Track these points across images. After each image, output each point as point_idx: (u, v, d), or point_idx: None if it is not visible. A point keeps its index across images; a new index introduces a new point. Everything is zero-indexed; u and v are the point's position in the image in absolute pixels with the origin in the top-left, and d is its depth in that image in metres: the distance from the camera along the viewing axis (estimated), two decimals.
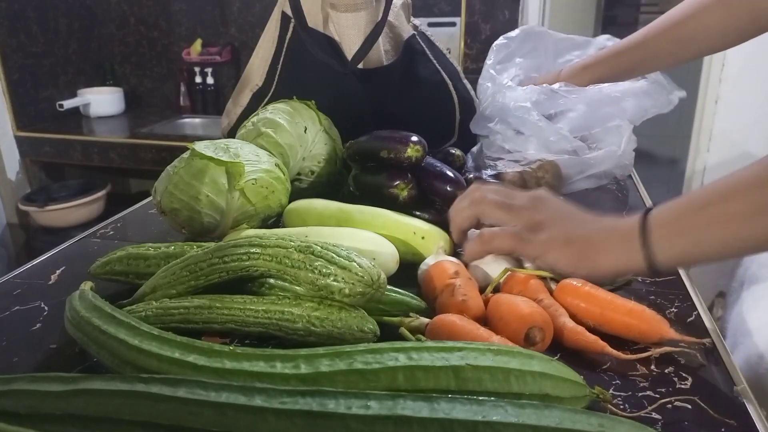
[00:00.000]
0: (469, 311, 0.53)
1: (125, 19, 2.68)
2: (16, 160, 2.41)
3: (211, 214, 0.70)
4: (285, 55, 0.96)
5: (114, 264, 0.63)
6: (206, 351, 0.43)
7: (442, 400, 0.36)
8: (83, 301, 0.51)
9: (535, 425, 0.35)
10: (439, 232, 0.67)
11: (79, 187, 2.42)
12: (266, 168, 0.72)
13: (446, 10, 2.24)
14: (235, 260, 0.53)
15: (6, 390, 0.40)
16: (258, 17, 2.52)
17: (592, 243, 0.53)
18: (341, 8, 0.91)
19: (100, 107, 2.57)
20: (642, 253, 0.50)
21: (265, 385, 0.38)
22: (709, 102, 1.85)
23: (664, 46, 0.87)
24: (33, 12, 2.38)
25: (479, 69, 1.01)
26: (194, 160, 0.69)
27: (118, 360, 0.45)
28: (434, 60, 1.00)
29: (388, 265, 0.62)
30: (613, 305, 0.53)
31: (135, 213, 0.91)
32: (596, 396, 0.42)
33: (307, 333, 0.50)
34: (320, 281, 0.50)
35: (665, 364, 0.49)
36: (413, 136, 0.74)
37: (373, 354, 0.41)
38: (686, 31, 0.84)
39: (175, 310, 0.54)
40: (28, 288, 0.67)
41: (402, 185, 0.73)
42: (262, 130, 0.81)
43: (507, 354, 0.41)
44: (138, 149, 2.27)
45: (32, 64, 2.40)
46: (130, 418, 0.37)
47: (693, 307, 0.58)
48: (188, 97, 2.66)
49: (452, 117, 1.01)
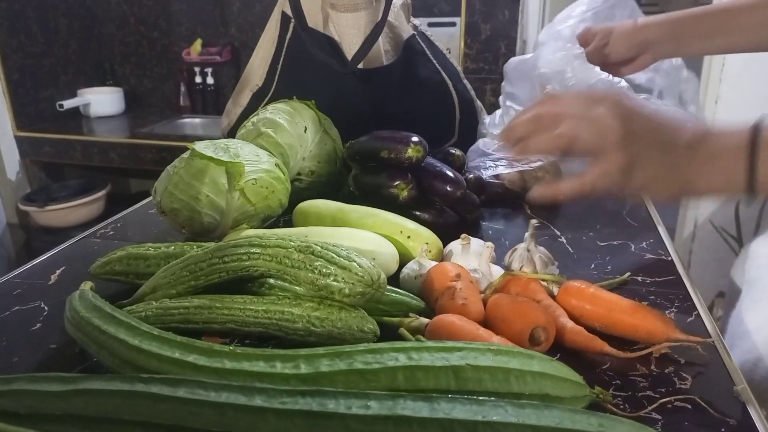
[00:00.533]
0: (469, 315, 0.52)
1: (125, 19, 2.68)
2: (16, 160, 2.41)
3: (211, 214, 0.70)
4: (285, 55, 0.96)
5: (114, 264, 0.63)
6: (206, 351, 0.43)
7: (442, 400, 0.36)
8: (83, 301, 0.51)
9: (535, 425, 0.35)
10: (428, 234, 0.67)
11: (79, 187, 2.42)
12: (266, 168, 0.72)
13: (446, 10, 2.24)
14: (235, 260, 0.53)
15: (6, 390, 0.40)
16: (258, 17, 2.52)
17: (692, 171, 0.50)
18: (341, 8, 0.91)
19: (100, 107, 2.57)
20: (745, 174, 0.47)
21: (265, 385, 0.38)
22: (709, 102, 1.85)
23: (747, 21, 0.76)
24: (33, 12, 2.38)
25: (479, 69, 1.01)
26: (194, 160, 0.69)
27: (118, 360, 0.45)
28: (434, 60, 1.00)
29: (388, 265, 0.62)
30: (619, 306, 0.53)
31: (135, 213, 0.91)
32: (596, 396, 0.42)
33: (307, 333, 0.50)
34: (320, 281, 0.50)
35: (665, 364, 0.49)
36: (414, 137, 0.74)
37: (373, 354, 0.41)
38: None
39: (175, 310, 0.54)
40: (28, 288, 0.67)
41: (402, 185, 0.73)
42: (262, 130, 0.81)
43: (507, 354, 0.41)
44: (138, 149, 2.27)
45: (32, 64, 2.40)
46: (130, 418, 0.37)
47: (693, 307, 0.58)
48: (188, 97, 2.66)
49: (452, 117, 1.01)
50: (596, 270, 0.67)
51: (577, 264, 0.68)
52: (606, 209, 0.85)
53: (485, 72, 2.18)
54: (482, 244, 0.64)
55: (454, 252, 0.65)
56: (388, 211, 0.70)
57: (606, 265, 0.68)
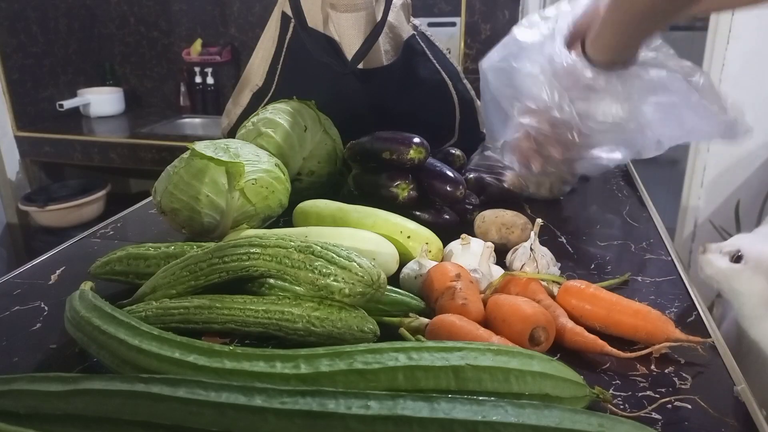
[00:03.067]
0: (469, 315, 0.52)
1: (125, 19, 2.68)
2: (16, 160, 2.41)
3: (211, 214, 0.70)
4: (285, 55, 0.96)
5: (114, 264, 0.63)
6: (206, 351, 0.43)
7: (442, 400, 0.36)
8: (83, 301, 0.51)
9: (535, 425, 0.35)
10: (428, 234, 0.67)
11: (79, 187, 2.42)
12: (266, 168, 0.72)
13: (446, 10, 2.24)
14: (235, 260, 0.53)
15: (6, 390, 0.40)
16: (258, 17, 2.52)
17: None
18: (341, 8, 0.91)
19: (100, 107, 2.57)
20: None
21: (265, 385, 0.38)
22: None
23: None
24: (33, 12, 2.38)
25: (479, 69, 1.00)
26: (194, 160, 0.69)
27: (118, 360, 0.45)
28: (434, 60, 1.00)
29: (388, 265, 0.62)
30: (619, 306, 0.53)
31: (135, 213, 0.91)
32: (596, 396, 0.42)
33: (307, 333, 0.50)
34: (320, 281, 0.50)
35: (665, 364, 0.49)
36: (416, 138, 0.74)
37: (373, 354, 0.41)
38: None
39: (175, 310, 0.54)
40: (28, 288, 0.67)
41: (403, 185, 0.73)
42: (262, 130, 0.81)
43: (507, 354, 0.41)
44: (138, 149, 2.27)
45: (32, 64, 2.40)
46: (130, 418, 0.37)
47: (693, 307, 0.58)
48: (188, 97, 2.66)
49: (452, 117, 1.01)
50: (596, 270, 0.67)
51: (577, 264, 0.68)
52: (606, 209, 0.85)
53: None
54: (482, 244, 0.64)
55: (454, 252, 0.65)
56: (388, 211, 0.70)
57: (606, 265, 0.68)
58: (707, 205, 1.99)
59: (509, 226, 0.70)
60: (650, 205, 0.86)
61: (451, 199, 0.74)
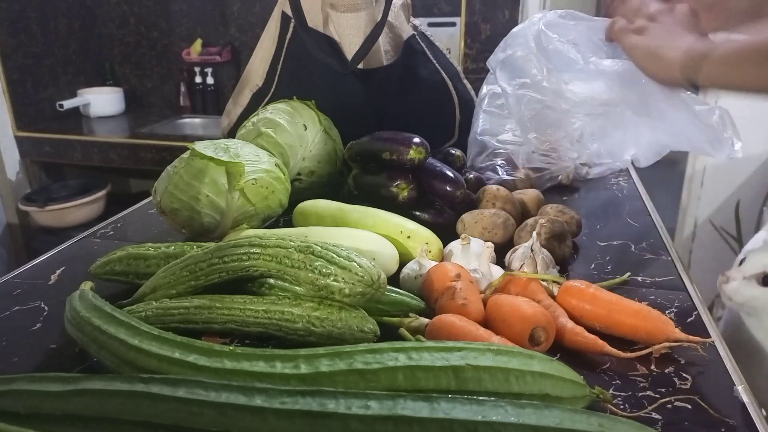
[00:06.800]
0: (469, 315, 0.52)
1: (125, 19, 2.68)
2: (16, 160, 2.41)
3: (211, 214, 0.70)
4: (285, 55, 0.96)
5: (114, 264, 0.63)
6: (206, 351, 0.43)
7: (442, 400, 0.36)
8: (83, 301, 0.51)
9: (535, 425, 0.35)
10: (428, 234, 0.67)
11: (79, 187, 2.42)
12: (266, 168, 0.72)
13: (446, 10, 2.24)
14: (235, 260, 0.53)
15: (6, 390, 0.40)
16: (258, 17, 2.52)
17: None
18: (341, 8, 0.91)
19: (100, 107, 2.57)
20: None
21: (265, 385, 0.38)
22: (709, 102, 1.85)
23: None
24: (33, 12, 2.38)
25: (479, 69, 1.01)
26: (194, 160, 0.69)
27: (118, 360, 0.45)
28: (434, 60, 1.00)
29: (388, 265, 0.62)
30: (619, 306, 0.53)
31: (135, 213, 0.91)
32: (596, 396, 0.42)
33: (307, 333, 0.50)
34: (320, 281, 0.50)
35: (665, 364, 0.49)
36: (416, 138, 0.74)
37: (373, 354, 0.41)
38: None
39: (175, 310, 0.54)
40: (28, 288, 0.67)
41: (403, 185, 0.73)
42: (262, 130, 0.81)
43: (507, 354, 0.41)
44: (138, 149, 2.27)
45: (32, 64, 2.40)
46: (130, 418, 0.37)
47: (693, 307, 0.58)
48: (188, 97, 2.66)
49: (452, 117, 1.01)
50: (596, 270, 0.67)
51: (577, 264, 0.68)
52: (606, 209, 0.85)
53: (485, 72, 2.18)
54: (482, 244, 0.64)
55: (454, 252, 0.65)
56: (388, 211, 0.70)
57: (606, 265, 0.68)
58: (707, 205, 1.99)
59: (491, 228, 0.70)
60: (650, 205, 0.86)
61: (451, 199, 0.74)
